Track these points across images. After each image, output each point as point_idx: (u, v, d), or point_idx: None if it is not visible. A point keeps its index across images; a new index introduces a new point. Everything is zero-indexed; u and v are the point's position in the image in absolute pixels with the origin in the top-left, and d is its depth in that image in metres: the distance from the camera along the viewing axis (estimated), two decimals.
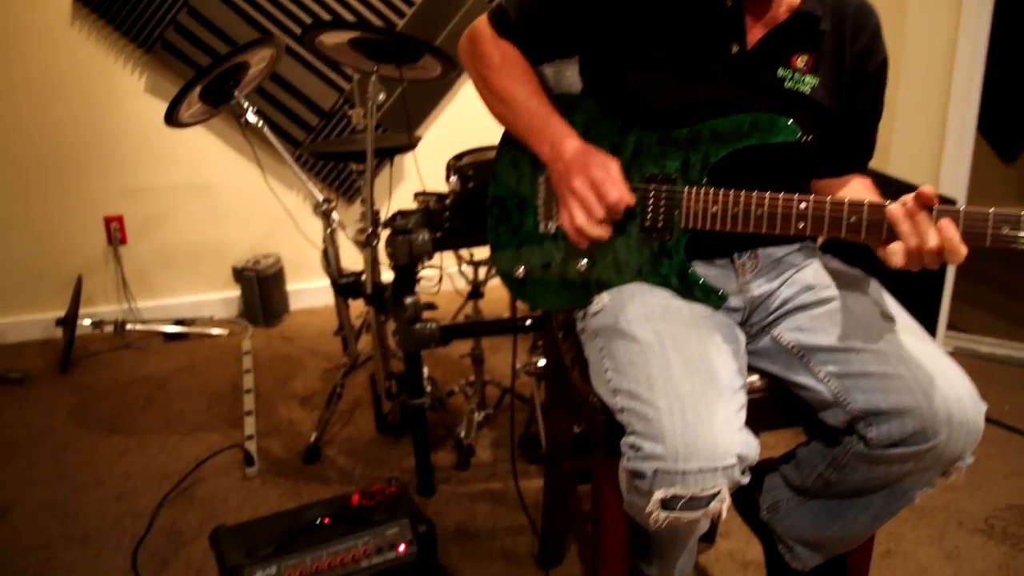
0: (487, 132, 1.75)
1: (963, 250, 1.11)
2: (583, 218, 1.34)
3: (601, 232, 1.35)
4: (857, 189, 1.47)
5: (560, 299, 1.50)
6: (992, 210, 1.11)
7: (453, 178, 2.20)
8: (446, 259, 2.85)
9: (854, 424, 1.31)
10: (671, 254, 1.38)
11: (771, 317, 1.44)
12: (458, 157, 2.38)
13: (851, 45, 1.40)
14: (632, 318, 1.33)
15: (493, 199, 1.57)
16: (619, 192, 1.33)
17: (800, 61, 1.38)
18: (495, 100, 1.49)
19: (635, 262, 1.41)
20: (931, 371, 1.25)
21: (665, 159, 1.38)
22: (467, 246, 2.40)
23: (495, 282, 2.15)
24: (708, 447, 1.15)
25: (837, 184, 1.49)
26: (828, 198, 1.24)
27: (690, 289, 1.37)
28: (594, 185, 1.33)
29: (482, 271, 2.63)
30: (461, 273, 2.72)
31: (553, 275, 1.50)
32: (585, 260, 1.45)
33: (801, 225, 1.26)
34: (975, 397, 1.25)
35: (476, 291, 2.62)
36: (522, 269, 1.52)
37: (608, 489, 1.35)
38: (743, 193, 1.30)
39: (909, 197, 1.15)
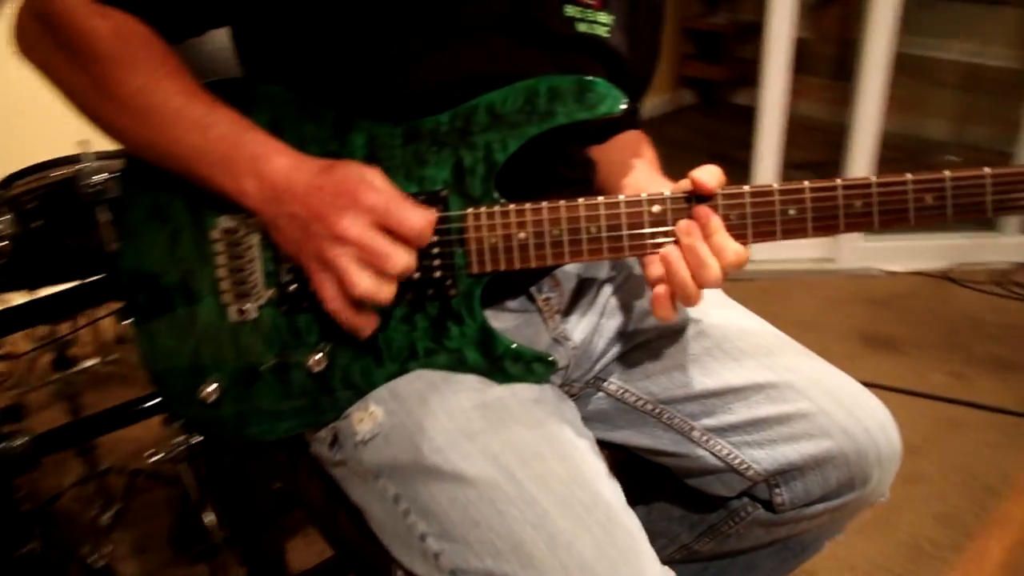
0: (55, 137, 1.24)
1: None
2: (370, 280, 0.77)
3: (392, 290, 0.79)
4: (635, 154, 1.06)
5: (284, 422, 0.91)
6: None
7: (5, 216, 1.39)
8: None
9: (752, 490, 0.94)
10: (460, 317, 0.86)
11: (598, 365, 1.01)
12: (7, 183, 1.53)
13: None
14: (444, 443, 0.80)
15: (131, 278, 0.90)
16: (419, 214, 0.78)
17: None
18: (116, 112, 0.82)
19: (402, 341, 0.87)
20: (841, 397, 0.92)
21: (423, 167, 0.84)
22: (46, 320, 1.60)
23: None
24: None
25: (611, 150, 1.06)
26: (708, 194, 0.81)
27: (499, 365, 0.87)
28: (377, 217, 0.77)
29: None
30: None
31: (267, 387, 0.89)
32: (320, 353, 0.87)
33: (659, 242, 0.83)
34: (890, 417, 0.95)
35: (64, 360, 1.82)
36: (212, 387, 0.89)
37: None
38: (562, 204, 0.83)
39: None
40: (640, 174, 1.01)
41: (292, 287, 0.87)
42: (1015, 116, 2.94)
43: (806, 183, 0.82)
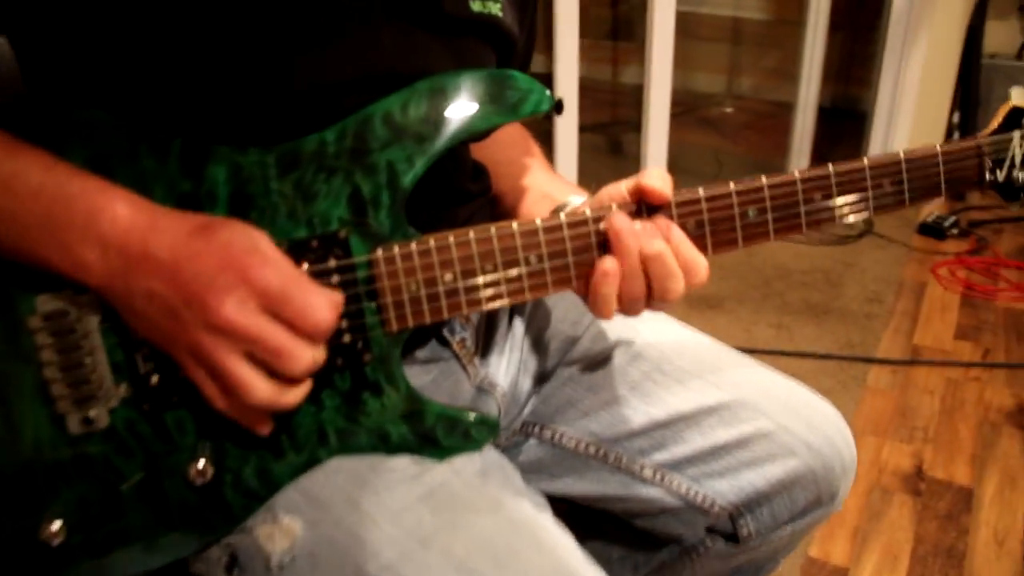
0: None
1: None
2: (267, 386, 0.58)
3: (299, 394, 0.60)
4: (525, 152, 0.92)
5: (158, 553, 0.68)
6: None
7: None
8: None
9: (715, 526, 0.84)
10: (378, 387, 0.68)
11: (527, 409, 0.86)
12: None
13: None
14: (394, 557, 0.63)
15: None
16: (324, 301, 0.60)
17: None
18: None
19: (308, 426, 0.68)
20: (798, 408, 0.84)
21: (310, 203, 0.65)
22: None
23: None
24: None
25: (496, 149, 0.91)
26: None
27: (431, 438, 0.70)
28: (270, 303, 0.57)
29: None
30: None
31: (133, 512, 0.66)
32: (202, 458, 0.65)
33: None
34: (842, 418, 0.88)
35: None
36: (56, 525, 0.64)
37: None
38: (493, 232, 0.67)
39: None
40: (538, 177, 0.87)
41: (153, 379, 0.64)
42: (774, 64, 3.08)
43: (763, 179, 0.71)
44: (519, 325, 0.87)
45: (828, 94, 3.04)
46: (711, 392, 0.83)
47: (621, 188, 0.71)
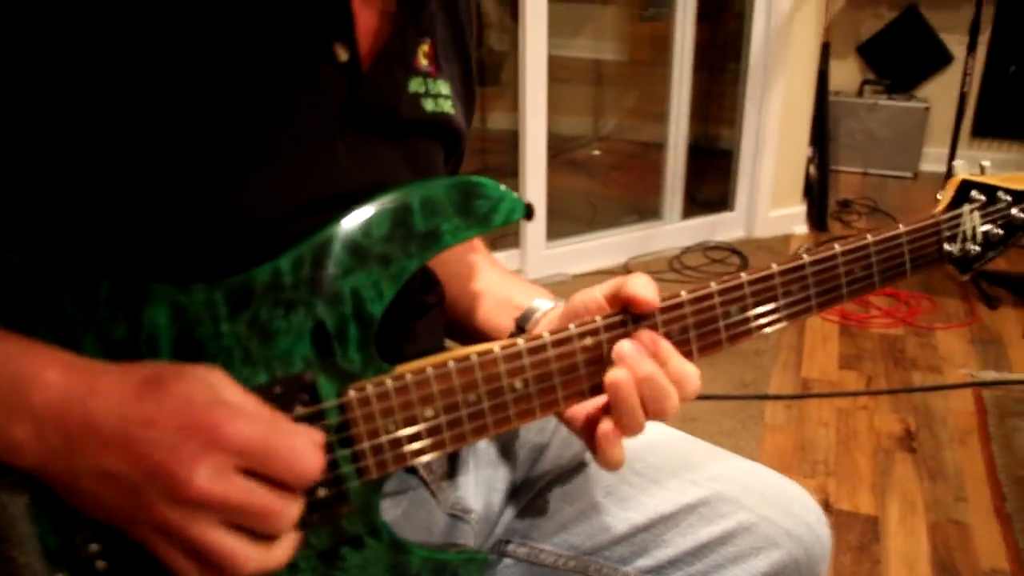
0: None
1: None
2: (255, 552, 0.51)
3: (289, 549, 0.52)
4: (469, 248, 0.86)
5: None
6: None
7: None
8: None
9: None
10: (358, 540, 0.60)
11: (499, 528, 0.79)
12: None
13: None
14: None
15: None
16: (309, 445, 0.52)
17: (422, 55, 0.68)
18: None
19: None
20: (775, 497, 0.81)
21: (269, 343, 0.57)
22: None
23: None
24: None
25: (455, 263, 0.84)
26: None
27: None
28: (249, 461, 0.50)
29: None
30: None
31: None
32: None
33: (596, 383, 0.64)
34: (814, 500, 0.86)
35: None
36: None
37: None
38: (474, 358, 0.60)
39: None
40: (489, 278, 0.81)
41: (99, 564, 0.54)
42: (633, 104, 3.16)
43: (743, 276, 0.68)
44: (483, 440, 0.80)
45: (692, 133, 3.14)
46: (689, 489, 0.79)
47: (596, 295, 0.66)
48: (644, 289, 0.63)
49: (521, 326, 0.75)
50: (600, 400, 0.65)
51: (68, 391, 0.48)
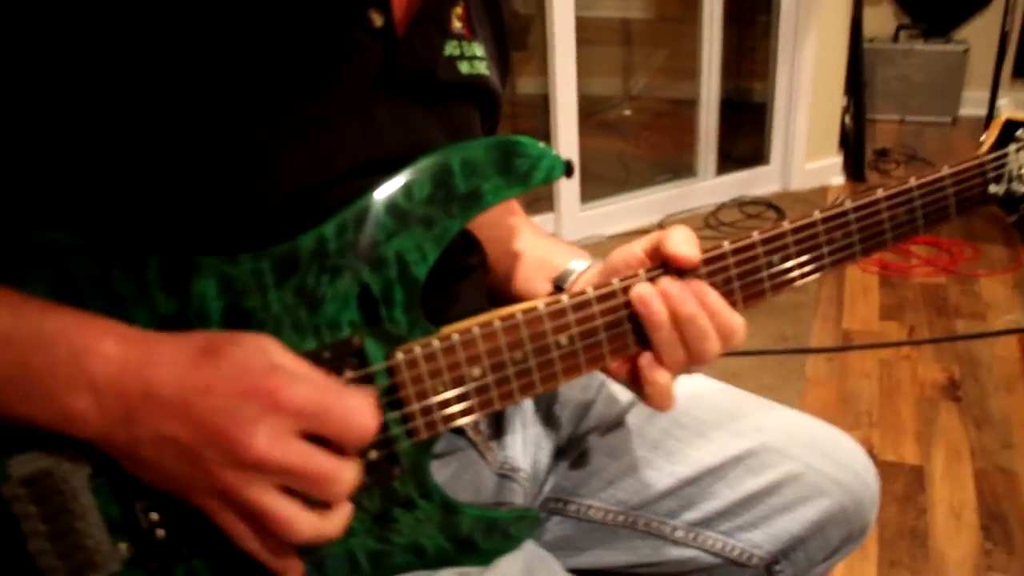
0: None
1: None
2: (311, 518, 0.52)
3: (344, 518, 0.55)
4: (508, 211, 0.86)
5: None
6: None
7: None
8: None
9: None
10: (410, 501, 0.62)
11: (548, 486, 0.81)
12: None
13: None
14: None
15: None
16: (364, 404, 0.53)
17: (456, 18, 0.68)
18: None
19: (338, 557, 0.61)
20: (823, 446, 0.82)
21: (316, 310, 0.58)
22: None
23: None
24: None
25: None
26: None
27: (470, 545, 0.64)
28: (306, 423, 0.51)
29: None
30: None
31: None
32: None
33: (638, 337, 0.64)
34: (862, 449, 0.86)
35: None
36: None
37: None
38: (519, 316, 0.61)
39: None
40: (528, 240, 0.81)
41: (159, 532, 0.56)
42: (663, 61, 3.11)
43: (785, 224, 0.68)
44: (529, 399, 0.81)
45: (723, 88, 3.10)
46: (734, 441, 0.79)
47: (635, 250, 0.66)
48: (682, 247, 0.63)
49: (559, 287, 0.75)
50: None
51: (126, 361, 0.50)
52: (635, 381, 0.65)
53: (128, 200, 0.56)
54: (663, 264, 0.64)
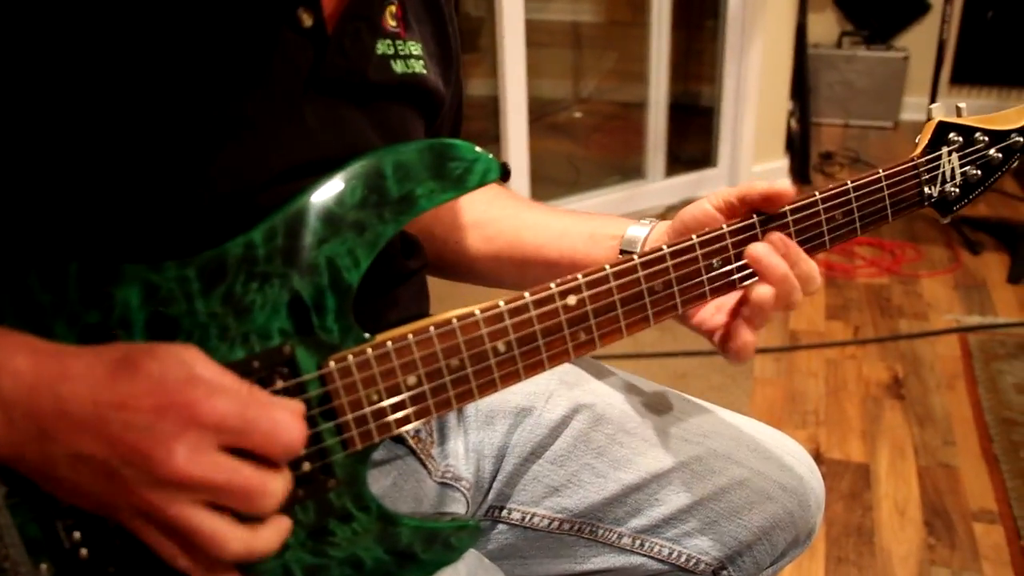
0: None
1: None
2: (241, 533, 0.50)
3: (280, 532, 0.53)
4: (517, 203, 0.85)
5: None
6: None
7: None
8: None
9: None
10: (347, 513, 0.60)
11: (491, 494, 0.79)
12: None
13: None
14: None
15: None
16: (289, 415, 0.51)
17: (389, 16, 0.66)
18: None
19: (274, 570, 0.59)
20: (767, 450, 0.82)
21: (245, 318, 0.56)
22: None
23: None
24: None
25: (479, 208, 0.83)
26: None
27: (410, 556, 0.63)
28: (228, 437, 0.49)
29: None
30: None
31: None
32: None
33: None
34: (807, 452, 0.86)
35: None
36: None
37: None
38: (454, 322, 0.59)
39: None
40: (564, 220, 0.81)
41: (82, 552, 0.53)
42: (612, 65, 3.13)
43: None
44: (471, 406, 0.80)
45: (672, 91, 3.12)
46: (680, 447, 0.79)
47: (706, 206, 0.67)
48: (777, 184, 0.65)
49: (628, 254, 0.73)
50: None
51: (38, 376, 0.47)
52: (722, 340, 0.68)
53: (48, 204, 0.53)
54: (749, 214, 0.67)
